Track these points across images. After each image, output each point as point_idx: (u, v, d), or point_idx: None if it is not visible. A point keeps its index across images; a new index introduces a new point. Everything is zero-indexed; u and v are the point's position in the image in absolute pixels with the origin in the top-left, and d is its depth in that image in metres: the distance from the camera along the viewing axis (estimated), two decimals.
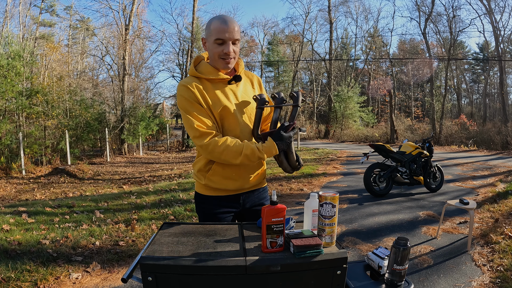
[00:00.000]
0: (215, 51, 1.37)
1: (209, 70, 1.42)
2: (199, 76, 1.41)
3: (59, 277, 2.63)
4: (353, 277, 1.30)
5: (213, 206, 1.50)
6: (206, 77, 1.41)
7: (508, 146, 15.01)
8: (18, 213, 4.30)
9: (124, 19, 18.69)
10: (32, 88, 12.90)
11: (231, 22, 1.34)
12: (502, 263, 2.84)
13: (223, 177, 1.45)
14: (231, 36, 1.34)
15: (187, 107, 1.36)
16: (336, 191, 1.21)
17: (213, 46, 1.37)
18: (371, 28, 33.02)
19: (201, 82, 1.41)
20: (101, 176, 10.64)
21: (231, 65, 1.42)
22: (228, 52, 1.35)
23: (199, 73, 1.42)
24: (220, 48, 1.35)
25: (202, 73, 1.42)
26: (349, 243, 3.45)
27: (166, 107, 36.59)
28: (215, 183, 1.46)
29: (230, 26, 1.33)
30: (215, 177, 1.45)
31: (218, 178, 1.46)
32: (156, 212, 4.47)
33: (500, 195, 5.35)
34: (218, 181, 1.46)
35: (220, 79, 1.42)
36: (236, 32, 1.35)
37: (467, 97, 36.49)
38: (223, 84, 1.44)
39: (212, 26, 1.35)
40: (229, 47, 1.35)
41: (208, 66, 1.44)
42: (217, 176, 1.45)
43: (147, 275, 1.00)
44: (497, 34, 22.20)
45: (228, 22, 1.33)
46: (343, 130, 25.56)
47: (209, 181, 1.46)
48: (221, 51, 1.35)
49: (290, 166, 1.44)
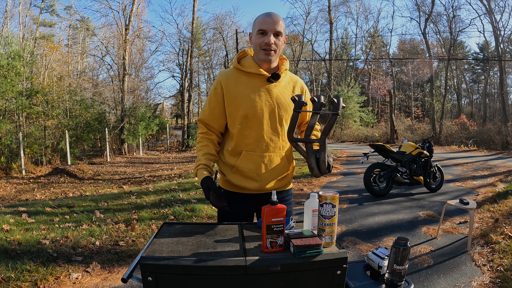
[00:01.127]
0: (257, 42, 1.39)
1: (250, 64, 1.44)
2: (240, 68, 1.44)
3: (59, 277, 2.63)
4: (353, 277, 1.30)
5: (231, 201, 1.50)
6: (246, 70, 1.43)
7: (508, 146, 15.01)
8: (18, 213, 4.30)
9: (124, 19, 18.71)
10: (32, 88, 12.90)
11: (274, 15, 1.39)
12: (502, 263, 2.84)
13: (244, 177, 1.46)
14: (273, 27, 1.37)
15: (208, 96, 1.50)
16: (336, 191, 1.21)
17: (256, 38, 1.40)
18: (371, 28, 33.08)
19: (239, 74, 1.45)
20: (101, 176, 10.64)
21: (272, 58, 1.41)
22: (268, 42, 1.36)
23: (241, 66, 1.45)
24: (262, 39, 1.38)
25: (243, 67, 1.45)
26: (349, 243, 3.45)
27: (166, 107, 36.59)
28: (236, 180, 1.48)
29: (273, 18, 1.38)
30: (237, 175, 1.47)
31: (239, 177, 1.47)
32: (156, 212, 4.47)
33: (500, 195, 5.35)
34: (238, 179, 1.47)
35: (258, 74, 1.42)
36: (280, 25, 1.38)
37: (467, 97, 36.49)
38: (260, 80, 1.44)
39: (256, 19, 1.41)
40: (270, 37, 1.37)
41: (250, 60, 1.46)
42: (239, 175, 1.47)
43: (147, 275, 1.00)
44: (497, 34, 22.20)
45: (272, 15, 1.39)
46: (343, 130, 25.57)
47: (232, 177, 1.48)
48: (262, 41, 1.38)
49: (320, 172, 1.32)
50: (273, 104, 1.44)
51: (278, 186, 1.52)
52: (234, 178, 1.48)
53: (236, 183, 1.48)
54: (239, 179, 1.47)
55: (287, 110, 1.46)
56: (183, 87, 22.29)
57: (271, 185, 1.48)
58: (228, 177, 1.50)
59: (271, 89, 1.44)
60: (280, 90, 1.46)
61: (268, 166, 1.45)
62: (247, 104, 1.41)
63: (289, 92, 1.49)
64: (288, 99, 1.47)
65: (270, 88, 1.44)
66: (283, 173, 1.50)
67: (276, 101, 1.44)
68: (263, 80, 1.44)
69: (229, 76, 1.44)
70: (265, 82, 1.44)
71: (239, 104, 1.42)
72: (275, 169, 1.47)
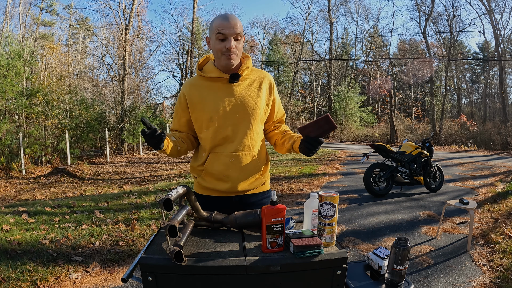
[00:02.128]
0: (217, 48, 1.38)
1: (210, 69, 1.46)
2: (201, 75, 1.47)
3: (59, 277, 2.63)
4: (353, 277, 1.30)
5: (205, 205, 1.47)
6: (207, 75, 1.45)
7: (508, 146, 15.01)
8: (18, 213, 4.30)
9: (124, 19, 18.70)
10: (32, 88, 12.90)
11: (232, 17, 1.36)
12: (502, 263, 2.84)
13: (214, 178, 1.45)
14: (232, 31, 1.34)
15: (175, 105, 1.58)
16: (336, 191, 1.21)
17: (216, 43, 1.38)
18: (371, 28, 33.08)
19: (202, 80, 1.46)
20: (101, 176, 10.64)
21: (234, 61, 1.40)
22: (229, 48, 1.35)
23: (203, 72, 1.47)
24: (222, 44, 1.36)
25: (205, 72, 1.47)
26: (349, 243, 3.45)
27: (166, 107, 36.58)
28: (207, 183, 1.47)
29: (231, 21, 1.34)
30: (207, 177, 1.47)
31: (210, 179, 1.46)
32: (156, 212, 4.47)
33: (500, 195, 5.35)
34: (209, 181, 1.47)
35: (219, 77, 1.43)
36: (238, 27, 1.36)
37: (467, 97, 36.49)
38: (222, 83, 1.44)
39: (214, 23, 1.37)
40: (231, 42, 1.35)
41: (210, 65, 1.47)
42: (209, 176, 1.46)
43: (147, 275, 1.00)
44: (497, 34, 22.20)
45: (229, 18, 1.35)
46: (343, 130, 25.57)
47: (201, 180, 1.49)
48: (223, 46, 1.36)
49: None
50: (237, 104, 1.43)
51: (251, 188, 1.48)
52: (205, 180, 1.48)
53: (207, 185, 1.48)
54: (210, 181, 1.47)
55: (253, 108, 1.45)
56: None
57: (243, 186, 1.46)
58: (199, 180, 1.50)
59: (233, 89, 1.44)
60: (243, 89, 1.46)
61: (236, 166, 1.43)
62: (210, 107, 1.42)
63: (255, 90, 1.47)
64: (254, 97, 1.46)
65: (233, 88, 1.44)
66: (254, 173, 1.48)
67: (240, 100, 1.44)
68: (225, 82, 1.44)
69: (192, 84, 1.47)
70: (227, 84, 1.44)
71: (203, 109, 1.43)
72: (245, 169, 1.45)
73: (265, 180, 1.56)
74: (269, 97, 1.52)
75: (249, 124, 1.45)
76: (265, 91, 1.50)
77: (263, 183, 1.54)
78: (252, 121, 1.45)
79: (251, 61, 1.53)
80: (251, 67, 1.51)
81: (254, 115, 1.45)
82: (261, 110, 1.48)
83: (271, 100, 1.53)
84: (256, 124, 1.47)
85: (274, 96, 1.54)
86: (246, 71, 1.47)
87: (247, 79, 1.48)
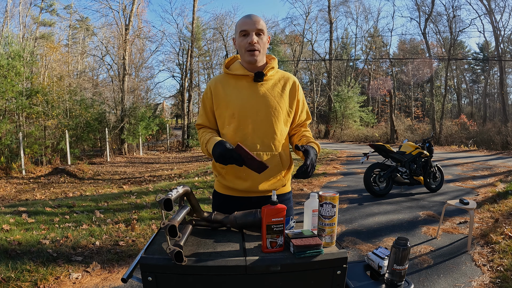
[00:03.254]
0: (241, 44, 1.43)
1: (236, 67, 1.50)
2: (227, 72, 1.50)
3: (59, 277, 2.63)
4: (353, 277, 1.30)
5: (223, 204, 1.50)
6: (233, 73, 1.48)
7: (508, 146, 15.01)
8: (18, 213, 4.30)
9: (124, 19, 18.70)
10: (32, 88, 12.90)
11: (253, 15, 1.43)
12: (502, 263, 2.84)
13: (235, 176, 1.46)
14: (253, 27, 1.40)
15: (202, 100, 1.57)
16: (336, 191, 1.21)
17: (239, 40, 1.43)
18: (371, 28, 33.08)
19: (227, 78, 1.50)
20: (101, 176, 10.64)
21: (257, 58, 1.43)
22: (251, 42, 1.40)
23: (229, 69, 1.51)
24: (245, 40, 1.42)
25: (230, 70, 1.50)
26: (349, 243, 3.45)
27: (166, 107, 36.60)
28: (227, 181, 1.48)
29: (253, 18, 1.42)
30: (228, 175, 1.47)
31: (231, 177, 1.47)
32: (156, 212, 4.47)
33: (500, 195, 5.35)
34: (230, 180, 1.47)
35: (244, 75, 1.46)
36: (260, 24, 1.42)
37: (467, 97, 36.49)
38: (246, 81, 1.46)
39: (238, 23, 1.45)
40: (253, 37, 1.40)
41: (237, 63, 1.52)
42: (230, 175, 1.47)
43: (147, 275, 1.00)
44: (497, 34, 22.20)
45: (251, 16, 1.43)
46: (343, 130, 25.56)
47: (222, 178, 1.50)
48: (246, 42, 1.41)
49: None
50: (260, 103, 1.44)
51: (272, 188, 1.47)
52: (225, 179, 1.48)
53: (227, 184, 1.48)
54: (230, 180, 1.47)
55: (275, 108, 1.45)
56: (183, 87, 22.29)
57: (264, 186, 1.45)
58: (219, 178, 1.51)
59: (258, 88, 1.46)
60: (267, 89, 1.46)
61: None
62: (233, 104, 1.44)
63: (279, 90, 1.48)
64: (277, 98, 1.46)
65: (257, 87, 1.46)
66: (275, 174, 1.46)
67: (263, 100, 1.44)
68: (249, 81, 1.46)
69: (218, 80, 1.51)
70: (252, 82, 1.46)
71: (227, 105, 1.45)
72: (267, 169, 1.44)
73: (286, 182, 1.55)
74: (293, 99, 1.52)
75: (271, 124, 1.44)
76: (288, 92, 1.50)
77: (284, 185, 1.53)
78: (274, 122, 1.45)
79: (277, 62, 1.54)
80: (276, 68, 1.52)
81: (276, 116, 1.45)
82: (284, 111, 1.47)
83: (295, 102, 1.52)
84: (278, 125, 1.46)
85: (298, 98, 1.53)
86: (271, 71, 1.49)
87: (272, 79, 1.49)
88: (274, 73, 1.51)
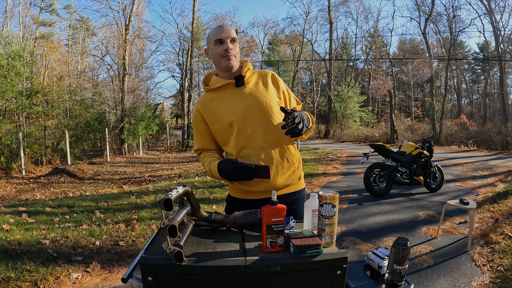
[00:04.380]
0: (216, 52, 1.45)
1: (215, 81, 1.52)
2: (208, 89, 1.53)
3: (59, 277, 2.63)
4: (353, 277, 1.30)
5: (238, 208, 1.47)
6: (213, 87, 1.50)
7: (508, 146, 15.01)
8: (18, 213, 4.30)
9: (124, 19, 18.71)
10: (32, 88, 12.90)
11: (225, 25, 1.48)
12: (502, 263, 2.84)
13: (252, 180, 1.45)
14: (228, 35, 1.44)
15: (193, 126, 1.60)
16: (336, 191, 1.21)
17: (214, 48, 1.46)
18: (371, 28, 33.07)
19: (211, 95, 1.52)
20: (101, 176, 10.64)
21: (234, 62, 1.46)
22: (227, 48, 1.43)
23: (208, 86, 1.54)
24: (220, 47, 1.44)
25: (211, 85, 1.53)
26: (349, 243, 3.45)
27: (166, 107, 36.60)
28: (244, 185, 1.48)
29: (225, 27, 1.46)
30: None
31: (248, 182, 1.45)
32: (156, 212, 4.47)
33: (500, 195, 5.35)
34: (246, 183, 1.46)
35: (225, 85, 1.48)
36: (232, 32, 1.46)
37: (467, 97, 36.49)
38: (229, 89, 1.49)
39: (210, 34, 1.48)
40: (228, 44, 1.43)
41: (214, 78, 1.54)
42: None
43: (147, 275, 1.00)
44: (497, 34, 22.21)
45: (223, 26, 1.47)
46: (343, 130, 25.57)
47: (238, 183, 1.50)
48: (221, 49, 1.44)
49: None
50: (250, 103, 1.46)
51: (289, 183, 1.49)
52: (242, 183, 1.47)
53: (245, 188, 1.48)
54: (247, 183, 1.46)
55: (266, 103, 1.47)
56: (183, 87, 22.30)
57: (281, 181, 1.46)
58: (235, 184, 1.52)
59: (242, 91, 1.49)
60: (251, 89, 1.49)
61: (269, 162, 1.44)
62: (226, 113, 1.46)
63: (262, 86, 1.51)
64: (264, 93, 1.49)
65: (241, 90, 1.49)
66: (289, 166, 1.48)
67: (252, 99, 1.46)
68: (232, 88, 1.49)
69: (204, 100, 1.53)
70: (235, 88, 1.49)
71: (220, 119, 1.47)
72: (279, 163, 1.46)
73: (300, 174, 1.57)
74: (278, 90, 1.55)
75: (268, 119, 1.46)
76: (271, 86, 1.54)
77: (299, 178, 1.56)
78: (270, 116, 1.46)
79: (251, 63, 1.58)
80: (251, 69, 1.56)
81: (270, 110, 1.47)
82: (275, 104, 1.49)
83: (280, 92, 1.55)
84: (275, 118, 1.47)
85: (282, 88, 1.56)
86: (248, 72, 1.52)
87: (252, 80, 1.53)
88: (251, 74, 1.55)
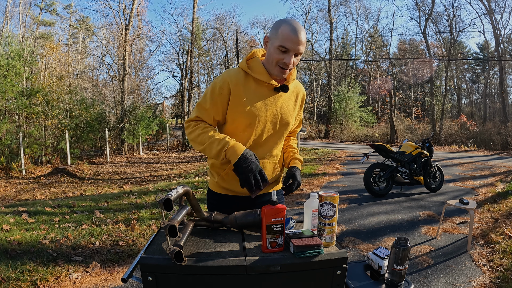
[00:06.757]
0: (274, 56, 1.31)
1: (260, 70, 1.36)
2: (249, 72, 1.36)
3: (59, 277, 2.63)
4: (353, 277, 1.30)
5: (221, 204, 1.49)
6: (255, 76, 1.35)
7: (508, 146, 15.01)
8: (18, 213, 4.30)
9: (124, 19, 18.72)
10: (32, 88, 12.91)
11: (301, 33, 1.27)
12: (502, 263, 2.84)
13: (236, 180, 1.39)
14: (296, 48, 1.28)
15: (210, 93, 1.36)
16: (336, 191, 1.21)
17: (275, 51, 1.30)
18: (371, 28, 33.09)
19: (247, 79, 1.37)
20: (101, 176, 10.64)
21: (285, 76, 1.37)
22: (288, 63, 1.29)
23: (250, 69, 1.37)
24: (281, 56, 1.29)
25: (253, 71, 1.36)
26: (349, 243, 3.45)
27: (166, 107, 36.59)
28: (227, 184, 1.46)
29: (300, 37, 1.27)
30: (227, 176, 1.45)
31: (230, 179, 1.44)
32: (156, 212, 4.47)
33: (500, 195, 5.35)
34: (229, 181, 1.45)
35: (267, 83, 1.37)
36: (303, 44, 1.29)
37: (467, 97, 36.49)
38: (268, 89, 1.38)
39: (281, 30, 1.27)
40: (291, 58, 1.29)
41: (261, 66, 1.37)
42: (230, 176, 1.44)
43: (147, 275, 1.00)
44: (497, 34, 22.21)
45: (298, 33, 1.26)
46: (343, 130, 25.56)
47: (221, 180, 1.47)
48: (281, 59, 1.29)
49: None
50: (277, 115, 1.41)
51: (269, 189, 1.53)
52: (225, 181, 1.46)
53: (227, 186, 1.47)
54: (231, 183, 1.45)
55: (288, 120, 1.45)
56: (183, 87, 22.30)
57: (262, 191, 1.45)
58: (218, 180, 1.47)
59: (277, 99, 1.40)
60: (284, 100, 1.43)
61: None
62: (252, 113, 1.36)
63: (292, 103, 1.47)
64: (291, 111, 1.46)
65: (276, 98, 1.40)
66: (274, 179, 1.52)
67: (280, 112, 1.42)
68: (270, 89, 1.39)
69: (239, 80, 1.35)
70: (272, 92, 1.39)
71: (246, 112, 1.36)
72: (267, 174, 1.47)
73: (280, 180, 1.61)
74: (299, 111, 1.55)
75: (281, 136, 1.47)
76: (298, 106, 1.52)
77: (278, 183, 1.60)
78: (283, 134, 1.48)
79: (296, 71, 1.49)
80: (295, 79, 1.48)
81: (287, 130, 1.48)
82: (292, 123, 1.50)
83: (299, 114, 1.56)
84: (285, 136, 1.50)
85: (301, 111, 1.57)
86: (291, 82, 1.45)
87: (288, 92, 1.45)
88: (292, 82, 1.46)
